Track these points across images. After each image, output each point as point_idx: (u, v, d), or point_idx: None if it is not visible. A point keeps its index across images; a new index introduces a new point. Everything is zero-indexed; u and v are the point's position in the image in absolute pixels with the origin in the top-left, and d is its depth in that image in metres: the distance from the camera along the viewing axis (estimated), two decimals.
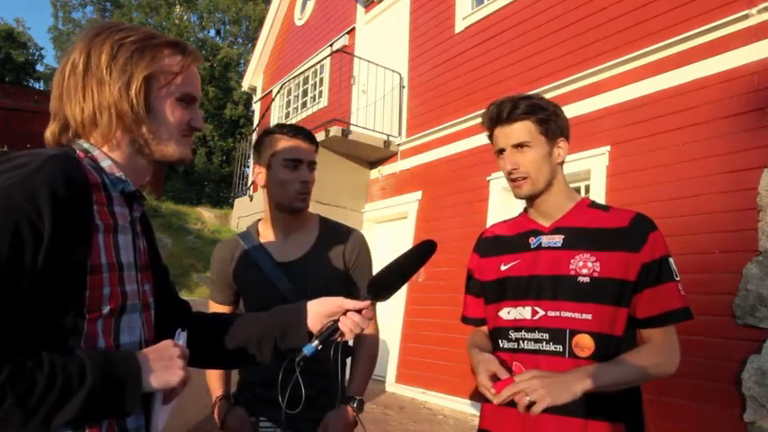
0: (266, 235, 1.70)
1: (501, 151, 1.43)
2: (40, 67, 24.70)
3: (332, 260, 1.66)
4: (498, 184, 5.68)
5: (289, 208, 1.64)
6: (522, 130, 1.39)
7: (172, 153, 1.00)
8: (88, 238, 0.86)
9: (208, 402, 1.82)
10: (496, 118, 1.42)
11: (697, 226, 3.88)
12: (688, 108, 4.17)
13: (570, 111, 5.09)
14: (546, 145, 1.40)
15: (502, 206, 5.54)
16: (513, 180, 1.42)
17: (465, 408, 5.37)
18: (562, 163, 1.47)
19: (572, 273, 1.34)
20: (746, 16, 3.88)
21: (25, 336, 0.79)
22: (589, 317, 1.31)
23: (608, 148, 4.70)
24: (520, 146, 1.39)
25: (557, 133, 1.41)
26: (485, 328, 1.55)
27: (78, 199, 0.85)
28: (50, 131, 0.97)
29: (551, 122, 1.40)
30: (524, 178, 1.40)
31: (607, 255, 1.33)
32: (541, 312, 1.36)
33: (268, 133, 1.66)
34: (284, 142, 1.62)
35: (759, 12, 3.81)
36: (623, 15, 4.82)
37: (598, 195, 4.61)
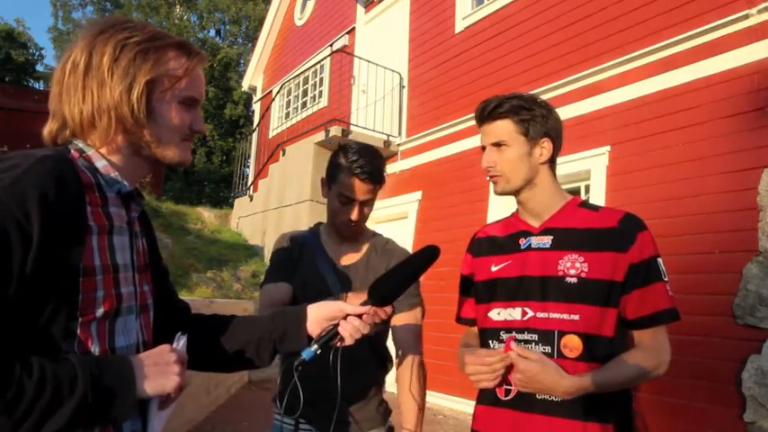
0: (325, 238, 1.77)
1: (483, 148, 1.46)
2: (40, 67, 24.66)
3: (376, 271, 1.69)
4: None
5: (336, 230, 1.72)
6: (500, 128, 1.41)
7: (172, 156, 0.98)
8: (81, 239, 0.85)
9: (208, 402, 1.81)
10: (479, 116, 1.46)
11: (697, 226, 3.88)
12: (688, 108, 4.17)
13: (570, 111, 5.11)
14: (525, 145, 1.40)
15: (502, 206, 5.53)
16: (490, 177, 1.46)
17: (465, 408, 5.37)
18: (551, 163, 1.46)
19: (560, 274, 1.35)
20: (746, 16, 3.88)
21: (15, 339, 0.77)
22: (577, 317, 1.31)
23: (608, 148, 4.69)
24: (498, 144, 1.42)
25: (539, 133, 1.41)
26: (476, 329, 1.55)
27: (70, 200, 0.83)
28: (48, 130, 0.95)
29: (533, 123, 1.40)
30: (499, 176, 1.43)
31: (595, 255, 1.33)
32: (531, 313, 1.36)
33: (339, 154, 1.66)
34: (343, 176, 1.61)
35: (759, 12, 3.81)
36: (623, 15, 4.82)
37: (598, 195, 4.61)
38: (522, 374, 1.25)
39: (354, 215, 1.63)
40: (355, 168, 1.60)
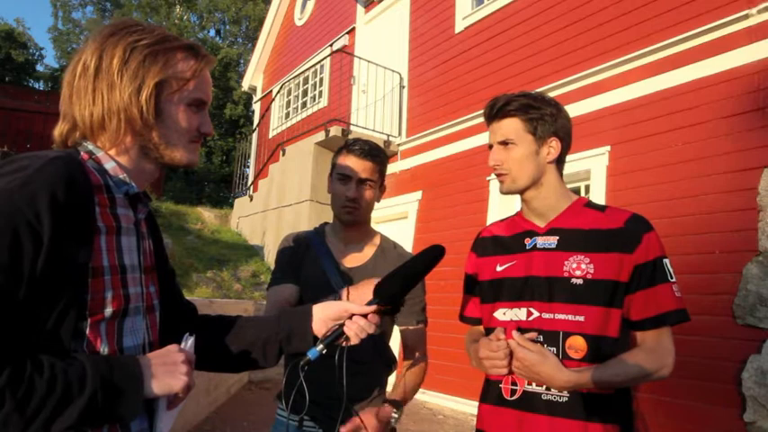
0: (330, 239, 1.78)
1: (490, 146, 1.46)
2: (40, 67, 24.69)
3: (384, 274, 1.70)
4: (498, 184, 5.67)
5: (339, 219, 1.73)
6: (508, 127, 1.41)
7: (180, 158, 0.99)
8: (90, 240, 0.86)
9: (208, 402, 1.81)
10: (488, 114, 1.45)
11: (697, 226, 3.88)
12: (688, 108, 4.17)
13: (570, 111, 5.02)
14: (533, 144, 1.40)
15: (502, 206, 5.53)
16: (497, 176, 1.46)
17: (465, 408, 5.37)
18: (558, 163, 1.45)
19: (566, 274, 1.34)
20: (746, 16, 3.88)
21: (26, 339, 0.78)
22: (582, 318, 1.31)
23: (608, 148, 4.70)
24: (505, 143, 1.41)
25: (547, 133, 1.41)
26: (481, 328, 1.55)
27: (79, 202, 0.84)
28: (59, 131, 0.96)
29: (542, 122, 1.40)
30: (506, 174, 1.42)
31: (601, 256, 1.33)
32: (536, 314, 1.36)
33: (341, 146, 1.76)
34: (340, 157, 1.70)
35: (759, 12, 3.81)
36: (623, 15, 4.82)
37: (598, 195, 4.61)
38: (519, 362, 1.27)
39: (352, 192, 1.66)
40: (351, 146, 1.69)
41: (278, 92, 10.76)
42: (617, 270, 1.31)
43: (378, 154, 1.72)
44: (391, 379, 1.70)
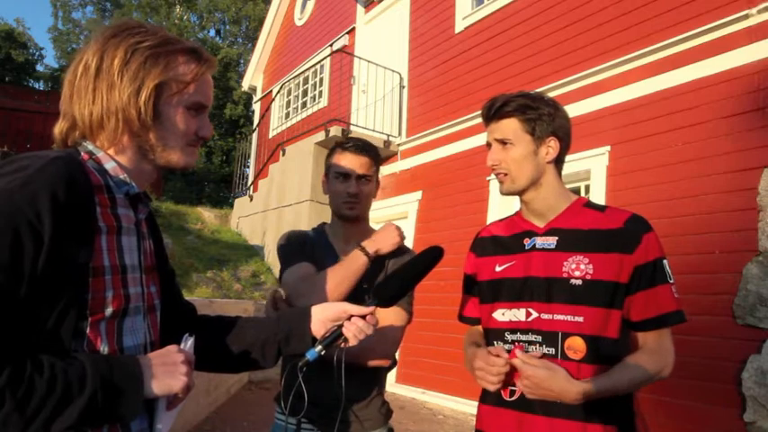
0: (331, 238, 1.78)
1: (489, 145, 1.46)
2: (40, 67, 24.69)
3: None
4: (498, 185, 5.67)
5: (339, 215, 1.74)
6: (506, 127, 1.41)
7: (177, 161, 1.00)
8: (90, 240, 0.86)
9: (208, 402, 1.80)
10: (486, 114, 1.45)
11: (697, 226, 3.88)
12: (688, 108, 4.17)
13: (570, 111, 5.03)
14: (531, 143, 1.40)
15: (502, 206, 5.53)
16: (496, 175, 1.46)
17: (465, 408, 5.37)
18: (557, 163, 1.45)
19: (565, 275, 1.34)
20: (746, 16, 3.88)
21: (27, 339, 0.78)
22: (581, 319, 1.30)
23: (608, 148, 4.70)
24: (503, 142, 1.41)
25: (545, 132, 1.40)
26: (480, 328, 1.55)
27: (80, 202, 0.85)
28: (59, 129, 0.97)
29: (540, 122, 1.39)
30: (505, 174, 1.42)
31: (600, 257, 1.33)
32: (535, 314, 1.36)
33: (334, 146, 1.78)
34: (337, 156, 1.72)
35: (759, 12, 3.81)
36: (623, 15, 4.82)
37: (598, 195, 4.62)
38: (528, 380, 1.25)
39: (353, 188, 1.67)
40: (345, 145, 1.71)
41: (278, 92, 10.76)
42: (617, 271, 1.31)
43: (372, 149, 1.74)
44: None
